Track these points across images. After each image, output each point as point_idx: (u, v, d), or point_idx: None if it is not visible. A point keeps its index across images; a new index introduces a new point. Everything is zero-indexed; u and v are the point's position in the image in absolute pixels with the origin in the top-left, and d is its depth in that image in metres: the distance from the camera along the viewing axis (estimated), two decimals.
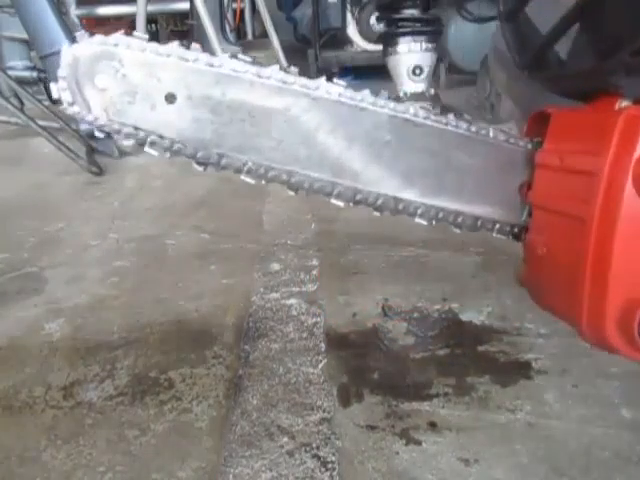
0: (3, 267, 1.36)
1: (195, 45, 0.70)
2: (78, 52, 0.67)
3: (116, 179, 2.05)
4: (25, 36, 2.23)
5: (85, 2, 3.74)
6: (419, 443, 0.78)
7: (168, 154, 0.72)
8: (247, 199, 1.75)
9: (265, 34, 3.14)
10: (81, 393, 0.90)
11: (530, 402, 0.84)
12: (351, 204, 0.76)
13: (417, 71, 2.59)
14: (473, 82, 2.82)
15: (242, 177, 0.73)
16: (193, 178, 2.01)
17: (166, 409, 0.86)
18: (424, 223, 0.79)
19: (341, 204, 0.76)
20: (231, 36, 2.87)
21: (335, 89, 0.74)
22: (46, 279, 1.29)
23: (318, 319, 1.08)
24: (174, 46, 0.69)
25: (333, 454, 0.76)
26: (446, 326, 1.04)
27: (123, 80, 0.67)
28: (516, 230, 0.79)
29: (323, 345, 0.99)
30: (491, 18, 3.34)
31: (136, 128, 0.69)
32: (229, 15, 2.98)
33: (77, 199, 1.85)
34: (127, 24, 4.66)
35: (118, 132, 0.70)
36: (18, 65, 2.52)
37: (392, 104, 0.77)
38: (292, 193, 0.77)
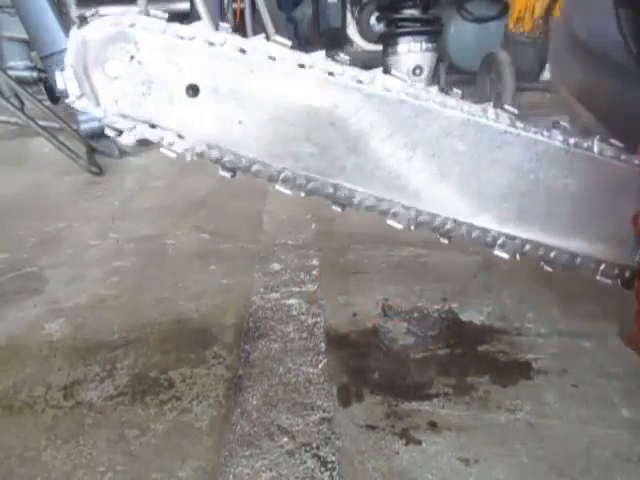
0: (3, 267, 1.36)
1: (224, 25, 0.60)
2: (89, 34, 0.56)
3: (116, 179, 2.05)
4: (25, 36, 2.23)
5: (85, 2, 3.74)
6: (419, 443, 0.78)
7: (189, 156, 0.62)
8: (247, 199, 1.75)
9: (265, 34, 3.13)
10: (81, 393, 0.90)
11: (530, 402, 0.84)
12: (412, 227, 0.62)
13: (417, 71, 2.59)
14: (473, 82, 2.82)
15: (277, 187, 0.61)
16: (193, 178, 2.01)
17: (166, 409, 0.86)
18: (505, 257, 0.61)
19: (399, 226, 0.62)
20: None
21: (395, 83, 0.58)
22: (46, 279, 1.29)
23: (318, 319, 1.08)
24: (199, 26, 0.58)
25: (333, 454, 0.76)
26: (446, 326, 1.04)
27: (139, 67, 0.57)
28: (627, 274, 0.60)
29: (323, 345, 0.99)
30: (491, 18, 3.35)
31: (152, 125, 0.61)
32: (229, 15, 2.98)
33: (77, 199, 1.85)
34: None
35: (130, 129, 0.62)
36: (18, 65, 2.52)
37: (467, 106, 0.59)
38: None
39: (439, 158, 0.58)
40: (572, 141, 0.58)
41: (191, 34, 0.58)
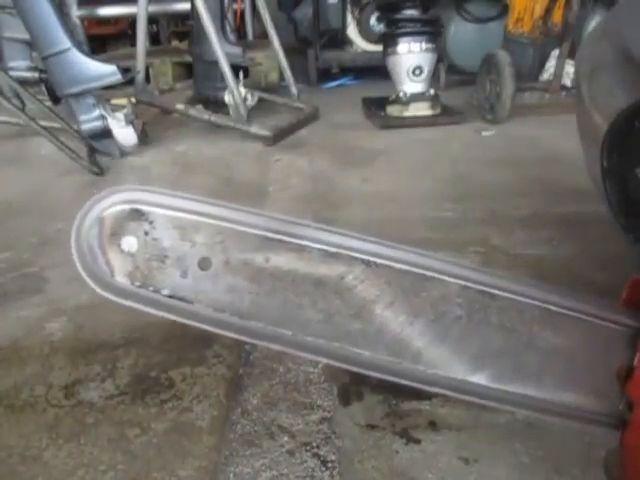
0: (4, 267, 1.36)
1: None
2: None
3: (117, 179, 2.06)
4: (26, 37, 2.23)
5: (86, 3, 3.74)
6: (419, 442, 0.78)
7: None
8: (247, 200, 1.75)
9: (265, 34, 3.14)
10: (82, 392, 0.90)
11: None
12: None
13: (417, 71, 2.59)
14: (473, 82, 2.82)
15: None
16: (193, 178, 2.01)
17: (167, 408, 0.86)
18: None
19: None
20: (231, 36, 2.86)
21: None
22: (47, 279, 1.30)
23: None
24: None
25: (333, 453, 0.76)
26: None
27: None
28: (612, 421, 0.64)
29: None
30: (491, 19, 3.35)
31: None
32: (229, 15, 2.98)
33: (78, 199, 1.85)
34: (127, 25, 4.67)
35: None
36: (19, 65, 2.52)
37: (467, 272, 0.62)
38: (293, 193, 0.71)
39: None
40: (565, 303, 0.63)
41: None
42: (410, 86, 2.62)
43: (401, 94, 2.62)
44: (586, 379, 0.63)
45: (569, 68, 2.70)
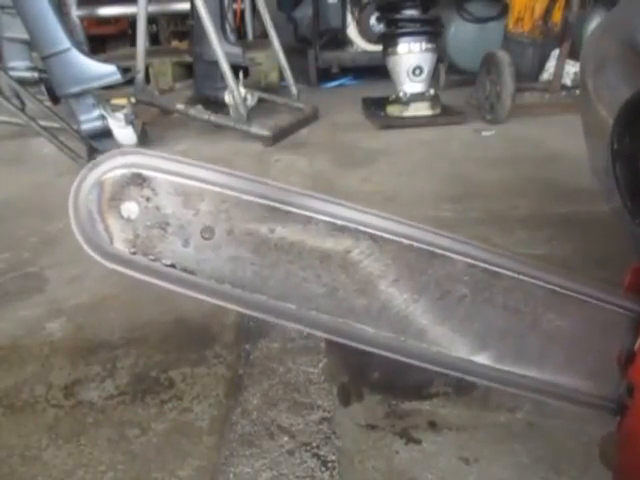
0: (4, 267, 1.36)
1: None
2: None
3: None
4: (26, 37, 2.23)
5: (86, 3, 3.74)
6: (419, 442, 0.78)
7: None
8: None
9: (265, 34, 3.14)
10: (82, 392, 0.90)
11: (530, 402, 0.84)
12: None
13: (417, 71, 2.59)
14: (473, 82, 2.82)
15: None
16: None
17: (167, 408, 0.86)
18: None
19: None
20: (231, 36, 2.86)
21: None
22: (47, 279, 1.30)
23: None
24: None
25: (333, 453, 0.76)
26: None
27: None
28: (611, 405, 0.65)
29: (323, 344, 0.99)
30: (491, 18, 3.35)
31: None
32: (229, 15, 2.98)
33: None
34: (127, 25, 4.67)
35: None
36: (19, 66, 2.52)
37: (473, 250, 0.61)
38: None
39: None
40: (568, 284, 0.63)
41: None
42: (410, 86, 2.62)
43: (401, 94, 2.62)
44: (587, 362, 0.63)
45: (569, 68, 2.70)
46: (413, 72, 2.59)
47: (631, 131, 0.65)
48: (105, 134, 2.21)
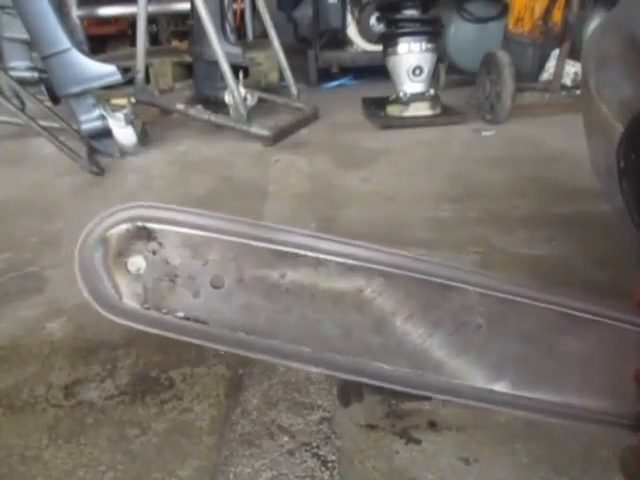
0: (5, 267, 1.36)
1: None
2: None
3: (117, 179, 2.06)
4: (26, 37, 2.24)
5: (86, 3, 3.74)
6: (419, 442, 0.78)
7: None
8: (247, 199, 1.75)
9: (265, 34, 3.14)
10: (82, 392, 0.90)
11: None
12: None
13: (417, 71, 2.59)
14: (473, 82, 2.82)
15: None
16: (193, 178, 2.01)
17: (167, 408, 0.86)
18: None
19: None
20: (231, 36, 2.86)
21: None
22: (47, 279, 1.30)
23: None
24: None
25: (333, 453, 0.76)
26: None
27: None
28: (631, 422, 0.65)
29: None
30: (491, 18, 3.35)
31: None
32: (229, 15, 2.98)
33: (78, 199, 1.85)
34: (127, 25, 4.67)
35: None
36: (19, 66, 2.52)
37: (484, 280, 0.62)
38: (293, 193, 0.70)
39: None
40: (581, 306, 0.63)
41: None
42: (410, 86, 2.62)
43: (401, 94, 2.62)
44: (604, 382, 0.63)
45: (569, 68, 2.70)
46: (413, 72, 2.59)
47: (637, 149, 0.65)
48: (105, 134, 2.21)
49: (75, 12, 3.66)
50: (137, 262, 0.54)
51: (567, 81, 2.74)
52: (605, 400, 0.63)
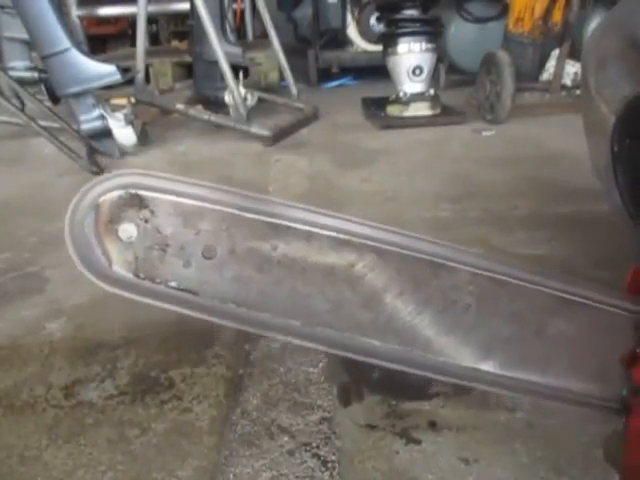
0: (4, 267, 1.36)
1: None
2: None
3: None
4: (26, 36, 2.23)
5: (86, 3, 3.74)
6: (419, 442, 0.78)
7: None
8: None
9: (265, 34, 3.14)
10: (82, 392, 0.90)
11: (530, 401, 0.84)
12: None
13: (417, 71, 2.59)
14: (473, 82, 2.82)
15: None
16: (193, 178, 2.01)
17: (167, 408, 0.86)
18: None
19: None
20: (231, 36, 2.86)
21: None
22: (47, 279, 1.30)
23: None
24: None
25: (333, 453, 0.76)
26: None
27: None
28: (616, 406, 0.65)
29: None
30: (491, 18, 3.35)
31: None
32: (229, 15, 2.98)
33: None
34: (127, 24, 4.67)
35: None
36: (19, 65, 2.52)
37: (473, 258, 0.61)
38: (293, 193, 0.70)
39: None
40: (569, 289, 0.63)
41: None
42: (410, 86, 2.62)
43: (401, 94, 2.62)
44: (591, 365, 0.64)
45: (569, 68, 2.70)
46: (413, 72, 2.59)
47: (632, 134, 0.65)
48: (105, 134, 2.21)
49: (75, 12, 3.66)
50: (128, 230, 0.53)
51: (567, 81, 2.74)
52: (592, 383, 0.64)
